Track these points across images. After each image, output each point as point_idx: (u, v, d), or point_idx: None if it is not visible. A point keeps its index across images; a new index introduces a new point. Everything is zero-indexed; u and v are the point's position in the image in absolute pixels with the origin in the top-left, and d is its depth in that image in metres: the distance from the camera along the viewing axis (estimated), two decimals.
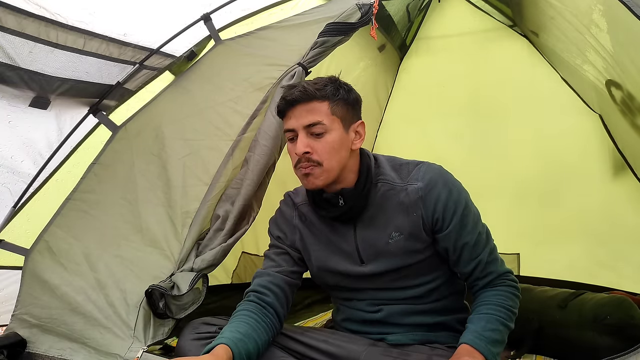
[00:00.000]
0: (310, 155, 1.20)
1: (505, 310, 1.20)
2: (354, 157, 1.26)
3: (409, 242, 1.24)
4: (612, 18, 1.55)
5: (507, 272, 1.28)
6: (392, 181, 1.26)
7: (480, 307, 1.22)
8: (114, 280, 1.49)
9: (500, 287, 1.25)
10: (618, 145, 2.50)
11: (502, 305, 1.21)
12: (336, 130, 1.20)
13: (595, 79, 2.14)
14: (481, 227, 1.27)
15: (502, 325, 1.18)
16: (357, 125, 1.26)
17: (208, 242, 1.52)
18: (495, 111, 2.94)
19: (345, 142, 1.22)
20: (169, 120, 1.71)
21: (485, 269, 1.26)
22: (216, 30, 1.82)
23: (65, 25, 1.54)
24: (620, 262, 2.45)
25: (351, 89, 1.28)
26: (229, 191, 1.56)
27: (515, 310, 1.23)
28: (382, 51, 2.99)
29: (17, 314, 1.50)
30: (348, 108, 1.24)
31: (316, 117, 1.19)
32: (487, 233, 1.29)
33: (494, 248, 1.29)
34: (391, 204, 1.25)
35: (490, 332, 1.15)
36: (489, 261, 1.26)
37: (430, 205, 1.21)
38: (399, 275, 1.28)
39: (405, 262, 1.26)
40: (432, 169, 1.26)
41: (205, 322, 1.29)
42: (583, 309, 1.90)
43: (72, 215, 1.62)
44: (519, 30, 2.88)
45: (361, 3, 1.71)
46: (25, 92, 1.55)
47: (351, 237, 1.28)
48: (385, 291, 1.30)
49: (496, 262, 1.28)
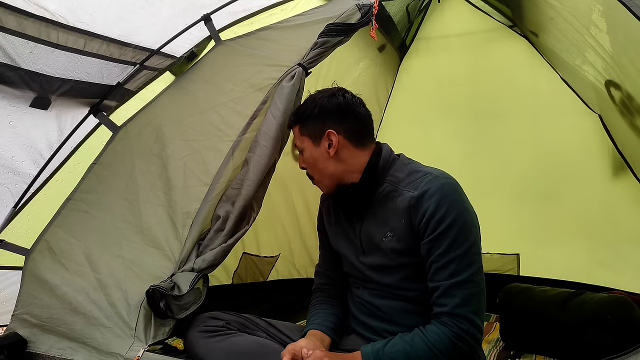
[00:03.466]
0: (307, 171, 1.40)
1: (429, 352, 1.13)
2: (354, 159, 1.33)
3: (400, 245, 1.26)
4: (612, 19, 1.55)
5: (466, 318, 1.14)
6: (397, 183, 1.29)
7: (414, 332, 1.18)
8: (115, 280, 1.49)
9: (446, 328, 1.15)
10: (617, 146, 2.51)
11: (431, 346, 1.13)
12: (307, 148, 1.36)
13: (594, 80, 2.14)
14: (462, 257, 1.17)
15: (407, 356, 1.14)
16: (326, 135, 1.32)
17: (209, 243, 1.52)
18: (494, 111, 2.95)
19: (319, 154, 1.34)
20: (169, 121, 1.71)
21: (441, 298, 1.17)
22: (216, 30, 1.83)
23: (66, 26, 1.54)
24: (620, 262, 2.46)
25: (323, 97, 1.35)
26: (229, 192, 1.56)
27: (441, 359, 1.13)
28: (382, 51, 2.99)
29: (17, 313, 1.50)
30: (315, 123, 1.34)
31: (296, 141, 1.40)
32: (468, 266, 1.17)
33: (467, 285, 1.16)
34: (391, 205, 1.28)
35: (409, 351, 1.14)
36: (449, 293, 1.16)
37: (417, 215, 1.21)
38: (396, 274, 1.29)
39: (397, 261, 1.27)
40: (435, 182, 1.22)
41: (213, 317, 1.37)
42: (583, 308, 1.90)
43: (72, 216, 1.62)
44: (518, 30, 2.89)
45: (361, 4, 1.71)
46: (26, 92, 1.55)
47: (358, 228, 1.36)
48: (387, 287, 1.31)
49: (458, 299, 1.15)
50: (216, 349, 1.29)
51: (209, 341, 1.30)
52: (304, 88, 1.64)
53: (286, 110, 1.57)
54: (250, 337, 1.33)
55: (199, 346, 1.30)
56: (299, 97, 1.62)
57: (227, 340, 1.31)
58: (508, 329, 2.14)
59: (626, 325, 1.76)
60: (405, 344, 1.16)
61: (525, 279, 2.57)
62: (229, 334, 1.33)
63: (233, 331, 1.34)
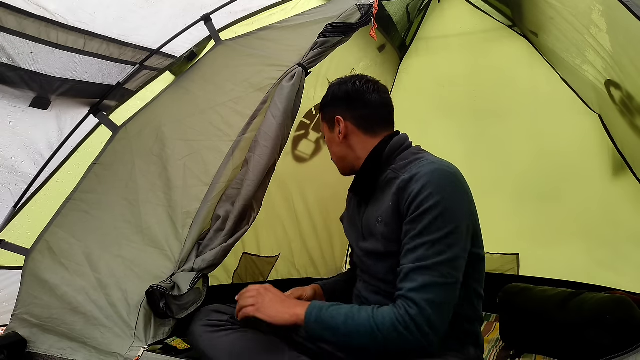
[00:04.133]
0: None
1: (369, 325, 1.08)
2: (363, 145, 1.36)
3: (387, 229, 1.22)
4: (612, 18, 1.55)
5: (416, 303, 1.05)
6: (398, 170, 1.28)
7: (367, 306, 1.14)
8: (115, 280, 1.49)
9: (395, 309, 1.08)
10: (617, 146, 2.51)
11: (372, 320, 1.08)
12: (325, 133, 1.45)
13: (594, 79, 2.14)
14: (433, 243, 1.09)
15: (344, 326, 1.10)
16: (336, 121, 1.38)
17: (208, 242, 1.52)
18: (494, 111, 2.95)
19: (332, 139, 1.42)
20: (169, 121, 1.71)
21: (402, 282, 1.11)
22: (216, 30, 1.83)
23: (66, 26, 1.54)
24: (620, 262, 2.46)
25: (335, 85, 1.42)
26: (229, 192, 1.57)
27: (379, 337, 1.06)
28: (382, 51, 2.99)
29: (17, 313, 1.50)
30: (328, 110, 1.42)
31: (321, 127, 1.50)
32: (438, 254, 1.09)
33: (430, 272, 1.08)
34: (389, 191, 1.26)
35: (331, 318, 1.11)
36: (410, 277, 1.09)
37: (403, 198, 1.17)
38: (385, 262, 1.24)
39: (386, 248, 1.23)
40: (428, 167, 1.18)
41: (217, 310, 1.39)
42: (583, 308, 1.90)
43: (72, 216, 1.62)
44: (518, 30, 2.89)
45: (361, 3, 1.71)
46: (26, 92, 1.55)
47: (362, 214, 1.38)
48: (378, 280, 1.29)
49: (416, 284, 1.07)
50: (219, 344, 1.29)
51: (213, 336, 1.31)
52: (304, 88, 1.64)
53: (286, 110, 1.57)
54: (254, 333, 1.33)
55: (202, 340, 1.31)
56: (299, 97, 1.62)
57: (231, 336, 1.31)
58: (508, 329, 2.14)
59: (626, 325, 1.76)
60: (350, 311, 1.12)
61: (525, 279, 2.57)
62: (233, 329, 1.33)
63: (237, 326, 1.34)
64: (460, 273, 1.12)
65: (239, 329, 1.34)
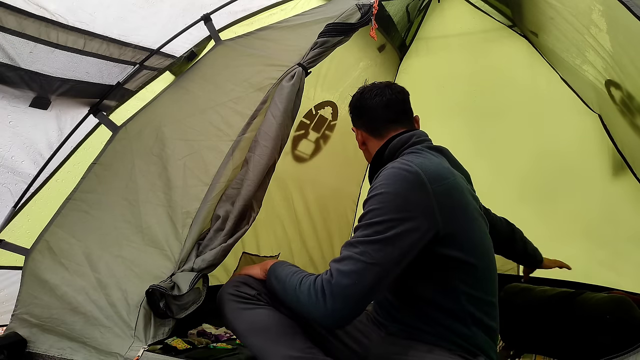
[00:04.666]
0: None
1: (295, 283, 1.18)
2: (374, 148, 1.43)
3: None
4: (612, 18, 1.55)
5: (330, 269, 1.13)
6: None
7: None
8: (114, 280, 1.49)
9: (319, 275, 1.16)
10: (617, 145, 2.51)
11: (299, 280, 1.18)
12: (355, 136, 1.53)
13: (594, 79, 2.14)
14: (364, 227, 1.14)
15: (285, 280, 1.22)
16: (354, 131, 1.50)
17: (208, 242, 1.52)
18: (494, 111, 2.95)
19: (359, 146, 1.52)
20: (169, 121, 1.71)
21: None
22: (216, 30, 1.83)
23: (66, 26, 1.54)
24: (620, 262, 2.46)
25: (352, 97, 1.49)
26: (229, 191, 1.57)
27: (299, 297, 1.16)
28: (382, 51, 2.99)
29: (17, 313, 1.50)
30: (352, 120, 1.51)
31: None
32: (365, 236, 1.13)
33: (352, 248, 1.13)
34: None
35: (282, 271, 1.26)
36: (341, 251, 1.17)
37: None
38: None
39: None
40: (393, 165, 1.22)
41: (246, 282, 1.37)
42: (583, 308, 1.90)
43: (72, 215, 1.62)
44: (518, 30, 2.89)
45: (361, 3, 1.71)
46: (26, 92, 1.55)
47: None
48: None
49: (339, 256, 1.15)
50: (242, 316, 1.31)
51: (238, 306, 1.32)
52: (304, 88, 1.64)
53: (286, 110, 1.58)
54: (276, 314, 1.31)
55: (226, 308, 1.34)
56: (298, 96, 1.62)
57: (254, 312, 1.31)
58: (508, 329, 2.14)
59: (626, 325, 1.76)
60: (298, 270, 1.24)
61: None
62: (258, 305, 1.33)
63: (262, 303, 1.33)
64: (387, 261, 1.12)
65: (263, 306, 1.33)
